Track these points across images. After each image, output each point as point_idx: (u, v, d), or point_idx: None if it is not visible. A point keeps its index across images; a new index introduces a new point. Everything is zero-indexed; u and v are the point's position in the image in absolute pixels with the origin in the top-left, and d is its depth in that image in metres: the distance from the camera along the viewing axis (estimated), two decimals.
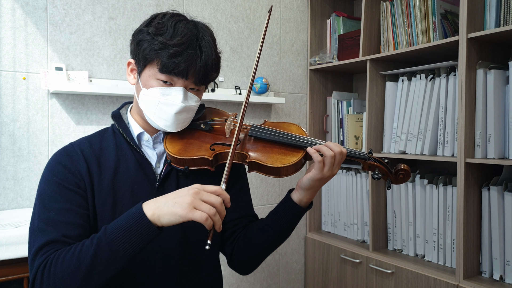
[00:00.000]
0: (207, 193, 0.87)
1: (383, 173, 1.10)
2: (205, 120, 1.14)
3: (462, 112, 1.75)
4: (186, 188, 0.88)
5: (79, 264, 0.85)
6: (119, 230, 0.85)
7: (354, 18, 2.59)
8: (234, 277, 2.40)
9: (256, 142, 1.08)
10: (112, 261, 0.85)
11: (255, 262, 1.16)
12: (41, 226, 0.93)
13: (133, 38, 1.05)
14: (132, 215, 0.86)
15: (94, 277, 0.85)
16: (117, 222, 0.88)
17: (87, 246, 0.87)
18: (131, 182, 1.04)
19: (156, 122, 1.04)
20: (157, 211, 0.85)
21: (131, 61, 1.07)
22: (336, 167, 1.03)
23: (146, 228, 0.85)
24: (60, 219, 0.94)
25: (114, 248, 0.84)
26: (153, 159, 1.09)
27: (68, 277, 0.85)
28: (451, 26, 2.02)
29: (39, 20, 1.81)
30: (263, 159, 1.04)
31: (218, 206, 0.87)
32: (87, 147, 1.05)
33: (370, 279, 2.17)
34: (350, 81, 2.75)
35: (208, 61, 1.01)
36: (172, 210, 0.84)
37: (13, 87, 1.76)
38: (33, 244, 0.93)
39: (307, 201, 1.08)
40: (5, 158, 1.75)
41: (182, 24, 1.01)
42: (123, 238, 0.84)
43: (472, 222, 1.79)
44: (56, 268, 0.87)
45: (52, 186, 0.98)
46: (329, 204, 2.60)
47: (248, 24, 2.40)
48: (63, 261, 0.87)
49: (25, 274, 1.44)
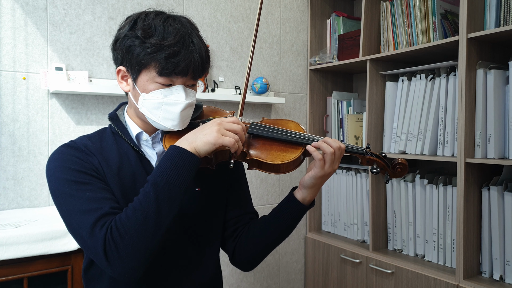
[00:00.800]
0: (228, 123, 0.97)
1: (381, 167, 1.11)
2: (203, 119, 1.14)
3: (462, 112, 1.75)
4: (209, 123, 0.97)
5: (147, 213, 0.88)
6: (168, 171, 0.91)
7: (354, 18, 2.59)
8: (234, 277, 2.40)
9: (255, 139, 1.09)
10: (174, 198, 0.91)
11: (258, 259, 1.17)
12: (84, 208, 0.92)
13: (118, 46, 1.01)
14: (173, 155, 0.92)
15: (163, 219, 0.90)
16: (160, 167, 0.92)
17: (144, 196, 0.90)
18: (134, 180, 1.04)
19: (162, 124, 1.04)
20: (192, 144, 0.94)
21: (121, 69, 1.04)
22: (336, 163, 1.04)
23: (191, 160, 0.93)
24: (99, 196, 0.94)
25: (172, 185, 0.90)
26: (153, 158, 1.09)
27: (141, 229, 0.88)
28: (451, 26, 2.02)
29: (39, 20, 1.81)
30: (263, 156, 1.05)
31: (240, 132, 0.98)
32: (89, 143, 1.05)
33: (370, 279, 2.17)
34: (350, 81, 2.75)
35: (203, 54, 1.01)
36: (204, 140, 0.93)
37: (13, 87, 1.76)
38: (83, 225, 0.90)
39: (310, 199, 1.09)
40: (5, 158, 1.75)
41: (169, 22, 0.99)
42: (176, 174, 0.91)
43: (472, 222, 1.79)
44: (125, 227, 0.88)
45: (74, 173, 0.96)
46: (329, 204, 2.60)
47: (248, 24, 2.39)
48: (128, 219, 0.88)
49: (25, 274, 1.44)
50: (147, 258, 0.90)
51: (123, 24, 1.03)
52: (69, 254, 1.50)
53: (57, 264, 1.49)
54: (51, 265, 1.48)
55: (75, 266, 1.52)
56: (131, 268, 0.88)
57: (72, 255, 1.51)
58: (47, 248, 1.44)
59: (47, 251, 1.44)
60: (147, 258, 0.90)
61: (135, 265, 0.89)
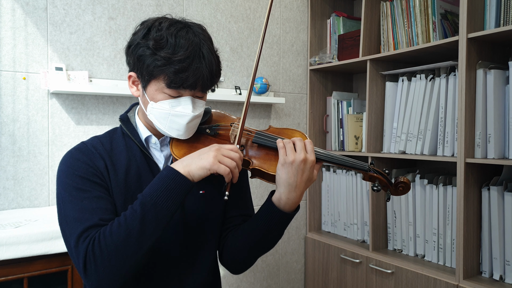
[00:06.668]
0: (226, 150, 0.98)
1: (383, 185, 1.10)
2: (210, 124, 1.15)
3: (462, 112, 1.75)
4: (207, 148, 0.98)
5: (129, 231, 0.89)
6: (158, 191, 0.92)
7: (354, 18, 2.59)
8: (234, 277, 2.40)
9: (260, 149, 1.09)
10: (160, 220, 0.91)
11: (244, 261, 1.14)
12: (76, 216, 0.94)
13: (131, 52, 1.02)
14: (166, 176, 0.93)
15: (146, 240, 0.90)
16: (152, 187, 0.93)
17: (130, 213, 0.91)
18: (140, 183, 1.05)
19: (168, 133, 1.05)
20: (187, 168, 0.94)
21: (132, 75, 1.05)
22: (300, 152, 0.99)
23: (183, 183, 0.93)
24: (94, 206, 0.96)
25: (159, 207, 0.91)
26: (161, 161, 1.11)
27: (122, 245, 0.89)
28: (451, 26, 2.02)
29: (39, 20, 1.81)
30: (266, 166, 1.05)
31: (237, 161, 0.98)
32: (99, 145, 1.06)
33: (370, 279, 2.17)
34: (350, 81, 2.75)
35: (213, 68, 1.01)
36: (199, 164, 0.94)
37: (13, 87, 1.76)
38: (72, 233, 0.93)
39: (287, 200, 1.01)
40: (5, 158, 1.75)
41: (182, 34, 0.98)
42: (165, 196, 0.91)
43: (472, 222, 1.79)
44: (106, 242, 0.89)
45: (77, 179, 0.98)
46: (329, 204, 2.60)
47: (248, 24, 2.40)
48: (111, 234, 0.89)
49: (25, 274, 1.44)
50: (123, 275, 0.90)
51: (138, 29, 1.03)
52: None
53: (57, 264, 1.49)
54: (51, 265, 1.48)
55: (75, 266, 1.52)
56: (105, 282, 0.89)
57: None
58: (47, 248, 1.44)
59: (47, 251, 1.44)
60: (123, 275, 0.90)
61: (110, 280, 0.89)
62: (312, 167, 1.01)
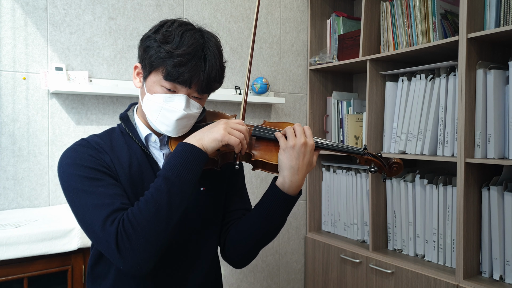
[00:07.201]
0: (234, 123, 1.02)
1: (378, 167, 1.16)
2: (206, 122, 1.16)
3: (462, 112, 1.75)
4: (215, 122, 1.03)
5: (158, 205, 0.91)
6: (178, 165, 0.95)
7: (354, 18, 2.59)
8: (234, 277, 2.40)
9: (259, 141, 1.12)
10: (184, 192, 0.95)
11: (247, 254, 1.15)
12: (96, 202, 0.94)
13: (141, 43, 1.07)
14: (182, 151, 0.97)
15: (174, 212, 0.93)
16: (170, 162, 0.96)
17: (155, 189, 0.93)
18: (142, 179, 1.06)
19: (158, 127, 1.07)
20: (200, 141, 0.98)
21: (137, 65, 1.10)
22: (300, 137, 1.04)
23: (200, 155, 0.97)
24: (111, 192, 0.97)
25: (183, 179, 0.94)
26: (160, 160, 1.11)
27: (154, 220, 0.91)
28: (451, 26, 2.02)
29: (39, 20, 1.81)
30: (267, 157, 1.09)
31: (245, 132, 1.03)
32: (100, 142, 1.07)
33: (370, 279, 2.17)
34: (350, 81, 2.76)
35: (212, 72, 1.03)
36: (211, 137, 0.99)
37: (13, 87, 1.76)
38: (95, 220, 0.92)
39: (291, 183, 1.04)
40: (5, 158, 1.75)
41: (189, 34, 1.02)
42: (186, 169, 0.95)
43: (472, 222, 1.79)
44: (137, 220, 0.90)
45: (86, 170, 0.99)
46: (329, 204, 2.60)
47: (248, 24, 2.40)
48: (140, 211, 0.91)
49: (25, 274, 1.44)
50: (158, 250, 0.92)
51: (153, 26, 1.08)
52: (69, 254, 1.51)
53: (57, 264, 1.49)
54: (51, 265, 1.48)
55: (75, 266, 1.52)
56: (143, 260, 0.90)
57: (72, 255, 1.51)
58: (47, 248, 1.44)
59: (47, 251, 1.44)
60: (158, 251, 0.92)
61: (147, 257, 0.91)
62: (312, 151, 1.05)
